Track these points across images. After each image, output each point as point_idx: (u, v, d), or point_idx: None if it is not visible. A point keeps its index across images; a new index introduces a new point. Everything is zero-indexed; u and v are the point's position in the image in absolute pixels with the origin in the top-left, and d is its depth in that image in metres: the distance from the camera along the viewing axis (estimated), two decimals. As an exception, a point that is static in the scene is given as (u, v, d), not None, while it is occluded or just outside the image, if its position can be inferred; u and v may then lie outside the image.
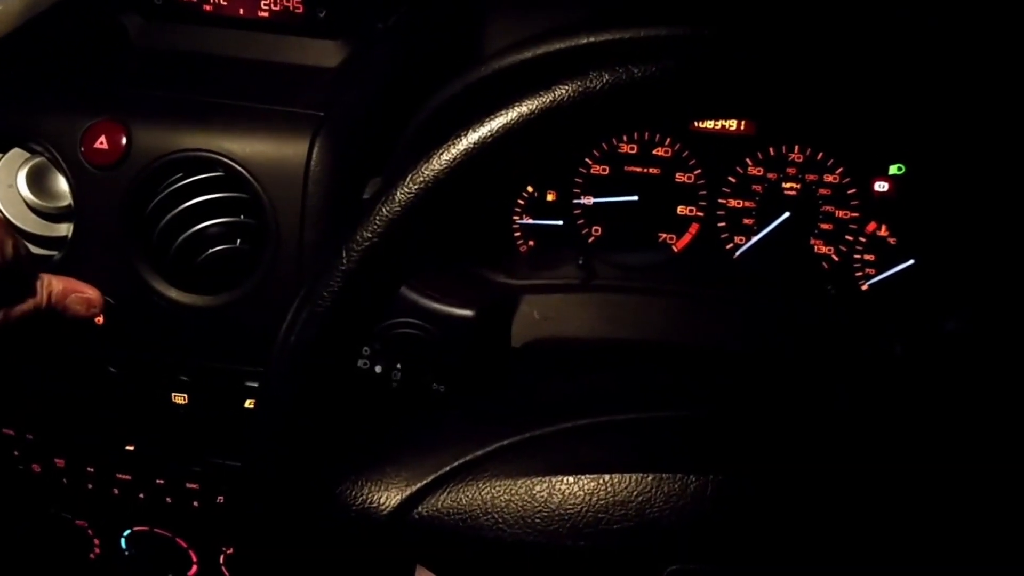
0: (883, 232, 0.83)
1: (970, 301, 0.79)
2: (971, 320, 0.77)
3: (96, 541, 0.84)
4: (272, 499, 0.49)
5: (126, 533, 0.83)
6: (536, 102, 0.42)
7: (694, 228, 0.86)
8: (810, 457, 0.47)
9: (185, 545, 0.83)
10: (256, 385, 0.72)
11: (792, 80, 0.43)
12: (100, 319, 0.70)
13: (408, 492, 0.47)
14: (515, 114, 0.42)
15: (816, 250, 0.85)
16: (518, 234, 0.87)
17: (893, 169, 0.82)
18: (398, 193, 0.43)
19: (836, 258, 0.85)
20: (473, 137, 0.43)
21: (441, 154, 0.43)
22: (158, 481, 0.78)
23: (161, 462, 0.77)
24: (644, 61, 0.42)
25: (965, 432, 0.48)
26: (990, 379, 0.69)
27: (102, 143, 0.68)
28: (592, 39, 0.67)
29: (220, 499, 0.77)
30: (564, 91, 0.42)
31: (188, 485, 0.77)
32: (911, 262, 0.83)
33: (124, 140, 0.68)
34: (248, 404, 0.72)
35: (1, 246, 0.58)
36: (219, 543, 0.83)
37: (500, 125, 0.43)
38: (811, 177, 0.83)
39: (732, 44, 0.42)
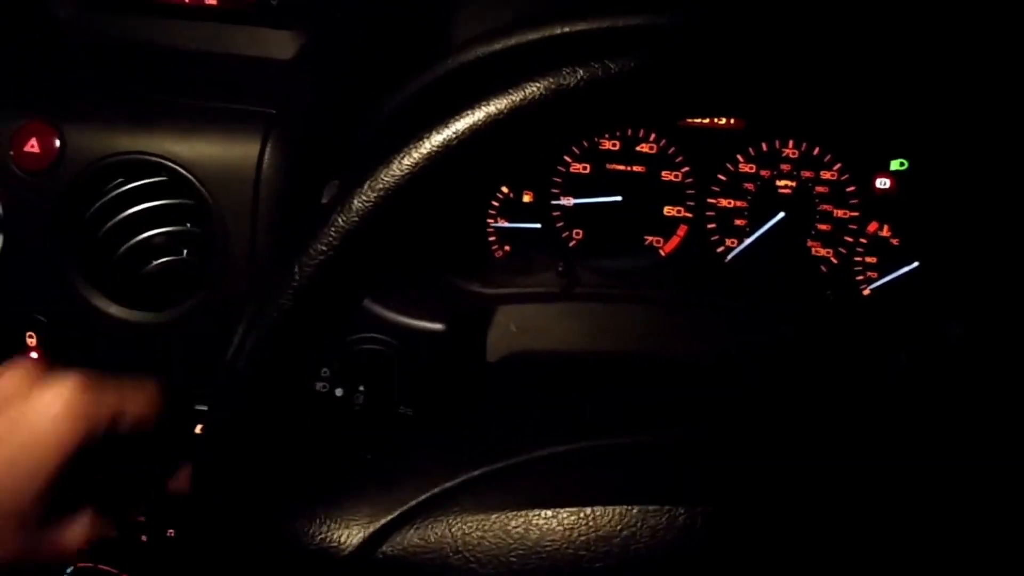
0: (885, 232, 0.83)
1: (978, 306, 0.79)
2: (980, 326, 0.77)
3: (35, 580, 0.83)
4: (221, 536, 0.48)
5: (68, 571, 0.81)
6: (505, 101, 0.41)
7: (682, 230, 0.85)
8: (805, 487, 0.46)
9: (133, 583, 0.82)
10: (205, 409, 0.71)
11: (785, 72, 0.42)
12: (33, 340, 0.69)
13: (371, 529, 0.47)
14: (482, 114, 0.41)
15: (813, 252, 0.85)
16: (493, 238, 0.87)
17: (895, 164, 0.82)
18: (355, 202, 0.42)
19: (835, 261, 0.84)
20: (437, 140, 0.42)
21: (402, 159, 0.42)
22: (101, 514, 0.76)
23: (105, 493, 0.76)
24: (622, 54, 0.41)
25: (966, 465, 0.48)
26: (999, 388, 0.69)
27: (33, 146, 0.68)
28: (566, 29, 0.67)
29: (170, 532, 0.76)
30: (535, 88, 0.41)
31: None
32: (915, 264, 0.83)
33: (57, 143, 0.68)
34: (198, 430, 0.71)
35: None
36: (170, 580, 0.82)
37: (466, 126, 0.42)
38: (807, 174, 0.83)
39: (717, 33, 0.42)
